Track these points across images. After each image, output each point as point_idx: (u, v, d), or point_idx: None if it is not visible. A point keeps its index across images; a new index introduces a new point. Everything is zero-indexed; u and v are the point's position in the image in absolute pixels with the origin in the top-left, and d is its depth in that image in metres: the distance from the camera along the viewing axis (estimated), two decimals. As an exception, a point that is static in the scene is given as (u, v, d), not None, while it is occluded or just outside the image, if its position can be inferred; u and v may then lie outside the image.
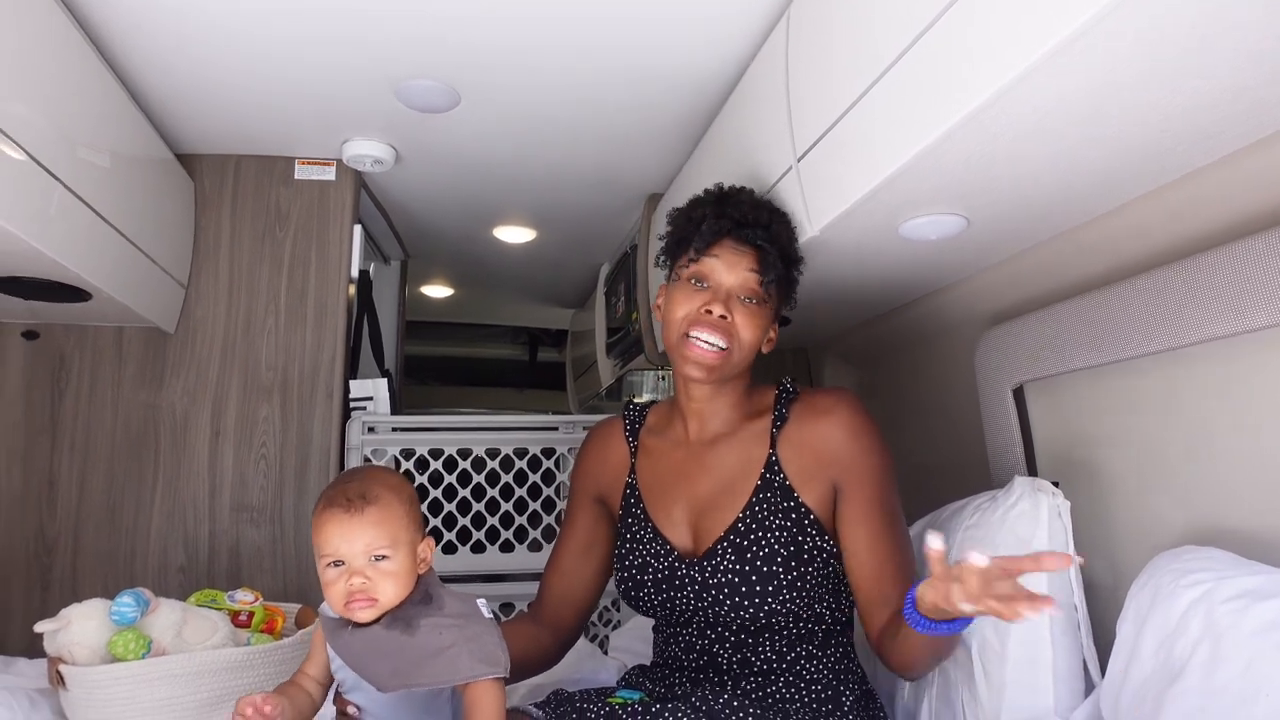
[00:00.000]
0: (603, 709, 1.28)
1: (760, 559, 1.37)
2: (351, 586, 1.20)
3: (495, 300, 4.55)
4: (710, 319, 1.40)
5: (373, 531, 1.21)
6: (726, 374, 1.44)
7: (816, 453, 1.42)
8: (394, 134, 2.39)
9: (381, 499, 1.23)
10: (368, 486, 1.24)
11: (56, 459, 2.32)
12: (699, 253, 1.44)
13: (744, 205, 1.49)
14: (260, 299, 2.47)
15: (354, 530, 1.21)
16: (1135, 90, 1.08)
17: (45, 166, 1.68)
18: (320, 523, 1.23)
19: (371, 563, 1.21)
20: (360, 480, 1.26)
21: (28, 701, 1.68)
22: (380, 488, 1.24)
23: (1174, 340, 1.33)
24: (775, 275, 1.44)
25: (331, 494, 1.25)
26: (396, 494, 1.25)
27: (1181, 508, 1.41)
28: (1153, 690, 1.19)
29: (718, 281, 1.43)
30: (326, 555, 1.22)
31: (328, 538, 1.22)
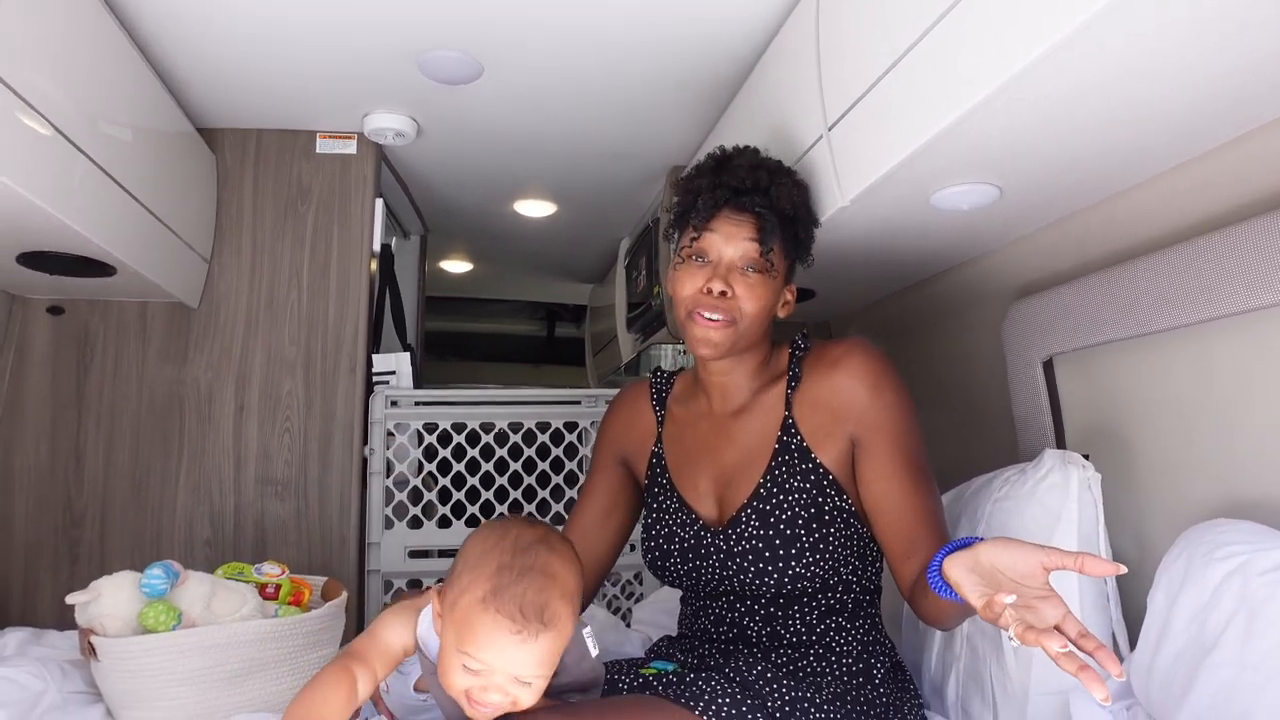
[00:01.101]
0: (636, 679, 1.28)
1: (783, 523, 1.36)
2: (483, 698, 1.06)
3: (514, 275, 4.54)
4: (710, 298, 1.38)
5: (536, 661, 1.06)
6: (737, 347, 1.42)
7: (831, 408, 1.39)
8: (415, 106, 2.37)
9: (559, 621, 1.06)
10: (547, 601, 1.05)
11: (83, 433, 2.34)
12: (698, 229, 1.42)
13: (741, 170, 1.43)
14: (283, 273, 2.47)
15: (515, 656, 1.05)
16: (1177, 57, 1.06)
17: (70, 139, 1.68)
18: (476, 628, 1.05)
19: (517, 682, 1.06)
20: (539, 586, 1.06)
21: (60, 672, 1.70)
22: (560, 603, 1.07)
23: (1207, 313, 1.31)
24: (776, 242, 1.40)
25: (501, 598, 1.05)
26: (572, 603, 1.09)
27: (1213, 481, 1.40)
28: (1185, 663, 1.18)
29: (717, 256, 1.41)
30: (469, 659, 1.05)
31: (484, 649, 1.05)
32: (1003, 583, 0.95)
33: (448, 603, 1.10)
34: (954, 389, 2.18)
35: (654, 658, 1.47)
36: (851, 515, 1.38)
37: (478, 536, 1.15)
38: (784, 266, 1.45)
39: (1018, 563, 0.94)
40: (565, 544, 1.14)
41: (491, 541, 1.12)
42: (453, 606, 1.08)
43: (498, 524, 1.16)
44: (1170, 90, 1.15)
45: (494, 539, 1.12)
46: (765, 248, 1.39)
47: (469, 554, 1.12)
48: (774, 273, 1.42)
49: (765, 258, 1.39)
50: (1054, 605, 0.91)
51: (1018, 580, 0.94)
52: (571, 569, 1.12)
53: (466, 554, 1.13)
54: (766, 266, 1.40)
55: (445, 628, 1.10)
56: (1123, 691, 1.35)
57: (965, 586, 0.97)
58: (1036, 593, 0.92)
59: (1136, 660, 1.29)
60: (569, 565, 1.12)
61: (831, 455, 1.38)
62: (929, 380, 2.25)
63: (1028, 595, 0.92)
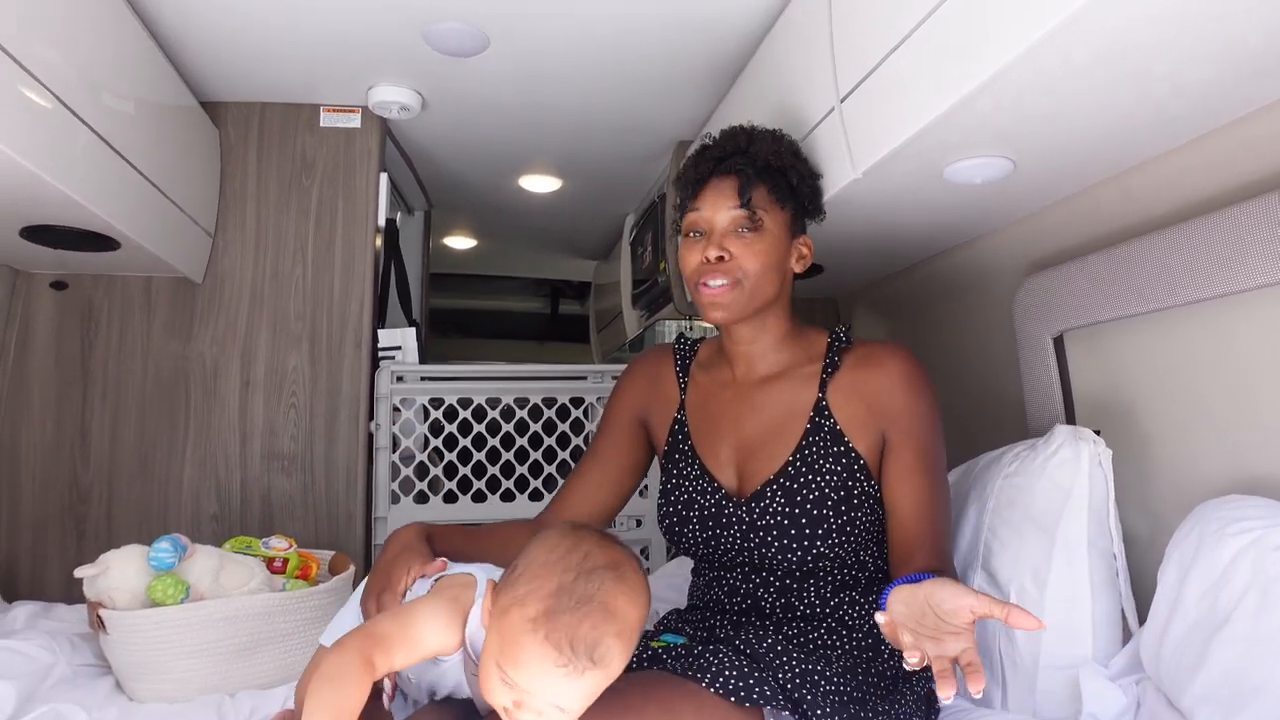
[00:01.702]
0: (645, 651, 1.28)
1: (810, 502, 1.36)
2: (519, 716, 1.00)
3: (518, 252, 4.53)
4: (709, 265, 1.42)
5: (579, 695, 0.99)
6: (750, 306, 1.43)
7: (868, 402, 1.41)
8: (420, 79, 2.35)
9: (610, 661, 0.99)
10: (600, 639, 0.98)
11: (88, 409, 2.34)
12: (689, 204, 1.47)
13: (723, 140, 1.50)
14: (287, 248, 2.46)
15: (556, 688, 0.98)
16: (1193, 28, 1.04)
17: (73, 110, 1.67)
18: (521, 649, 0.98)
19: (555, 708, 1.00)
20: (595, 623, 0.99)
21: (69, 645, 1.71)
22: (615, 642, 0.99)
23: (1221, 288, 1.30)
24: (760, 194, 1.42)
25: (553, 626, 0.98)
26: (629, 642, 1.02)
27: (1226, 457, 1.39)
28: (1197, 638, 1.18)
29: (709, 225, 1.44)
30: (508, 680, 0.99)
31: (523, 673, 0.98)
32: (928, 616, 1.02)
33: (499, 607, 1.03)
34: (964, 365, 2.17)
35: (663, 630, 1.47)
36: (877, 502, 1.39)
37: (546, 542, 1.07)
38: (782, 219, 1.46)
39: (948, 601, 1.01)
40: (637, 574, 1.06)
41: (558, 554, 1.04)
42: (502, 614, 1.01)
43: (570, 533, 1.08)
44: (1186, 62, 1.13)
45: (561, 551, 1.04)
46: (747, 200, 1.41)
47: (532, 560, 1.05)
48: (768, 227, 1.43)
49: (752, 215, 1.42)
50: (960, 641, 0.99)
51: (943, 616, 1.01)
52: (637, 604, 1.03)
53: (529, 559, 1.05)
54: (757, 223, 1.42)
55: (490, 634, 1.03)
56: (1131, 665, 1.35)
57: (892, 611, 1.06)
58: (951, 629, 1.00)
59: (1147, 637, 1.29)
60: (635, 600, 1.03)
61: (865, 444, 1.39)
62: (939, 357, 2.24)
63: (943, 630, 1.00)
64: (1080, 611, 1.39)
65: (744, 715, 1.15)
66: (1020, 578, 1.43)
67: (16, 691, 1.41)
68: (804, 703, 1.16)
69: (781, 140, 1.51)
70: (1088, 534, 1.41)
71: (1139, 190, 1.53)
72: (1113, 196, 1.58)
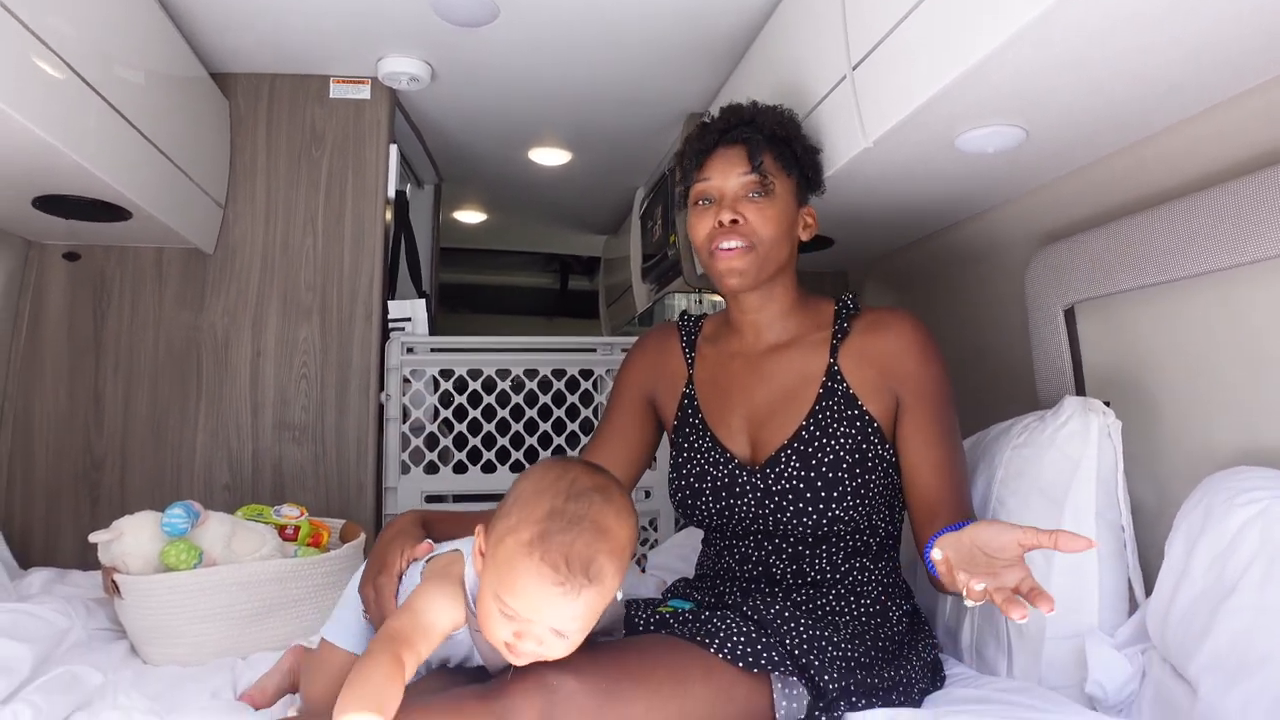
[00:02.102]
0: (652, 617, 1.29)
1: (826, 465, 1.37)
2: (520, 648, 1.02)
3: (528, 226, 4.52)
4: (723, 229, 1.42)
5: (577, 615, 1.02)
6: (764, 272, 1.44)
7: (879, 366, 1.42)
8: (430, 50, 2.34)
9: (605, 578, 1.02)
10: (594, 556, 1.01)
11: (101, 379, 2.36)
12: (696, 174, 1.48)
13: (727, 114, 1.52)
14: (298, 220, 2.46)
15: (555, 608, 1.01)
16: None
17: (85, 80, 1.67)
18: (517, 573, 1.01)
19: (554, 634, 1.02)
20: (587, 540, 1.01)
21: (84, 610, 1.74)
22: (607, 559, 1.02)
23: (1233, 259, 1.29)
24: (768, 159, 1.44)
25: (547, 546, 1.00)
26: (621, 561, 1.04)
27: (1235, 428, 1.39)
28: (1203, 608, 1.18)
29: (719, 192, 1.46)
30: (508, 611, 1.02)
31: (521, 598, 1.01)
32: (978, 558, 1.04)
33: (492, 540, 1.05)
34: (975, 338, 2.17)
35: (671, 597, 1.48)
36: (891, 465, 1.40)
37: (533, 474, 1.10)
38: (789, 186, 1.48)
39: (995, 539, 1.03)
40: (623, 496, 1.09)
41: (546, 482, 1.07)
42: (496, 545, 1.04)
43: (556, 464, 1.11)
44: (1202, 27, 1.12)
45: (549, 479, 1.07)
46: (758, 164, 1.43)
47: (521, 491, 1.08)
48: (778, 194, 1.45)
49: (763, 180, 1.43)
50: (1015, 572, 1.01)
51: (992, 554, 1.03)
52: (626, 524, 1.06)
53: (519, 491, 1.08)
54: (768, 188, 1.44)
55: (486, 569, 1.06)
56: (1137, 635, 1.35)
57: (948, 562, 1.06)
58: (1005, 563, 1.02)
59: (1153, 606, 1.29)
60: (624, 520, 1.06)
61: (878, 407, 1.41)
62: (950, 329, 2.23)
63: (997, 565, 1.02)
64: (1087, 582, 1.39)
65: (752, 680, 1.16)
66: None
67: (33, 654, 1.43)
68: (811, 668, 1.17)
69: (783, 112, 1.54)
70: (1096, 505, 1.41)
71: (1152, 160, 1.52)
72: (1126, 167, 1.57)
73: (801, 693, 1.16)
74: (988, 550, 1.03)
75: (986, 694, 1.31)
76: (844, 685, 1.19)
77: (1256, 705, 1.04)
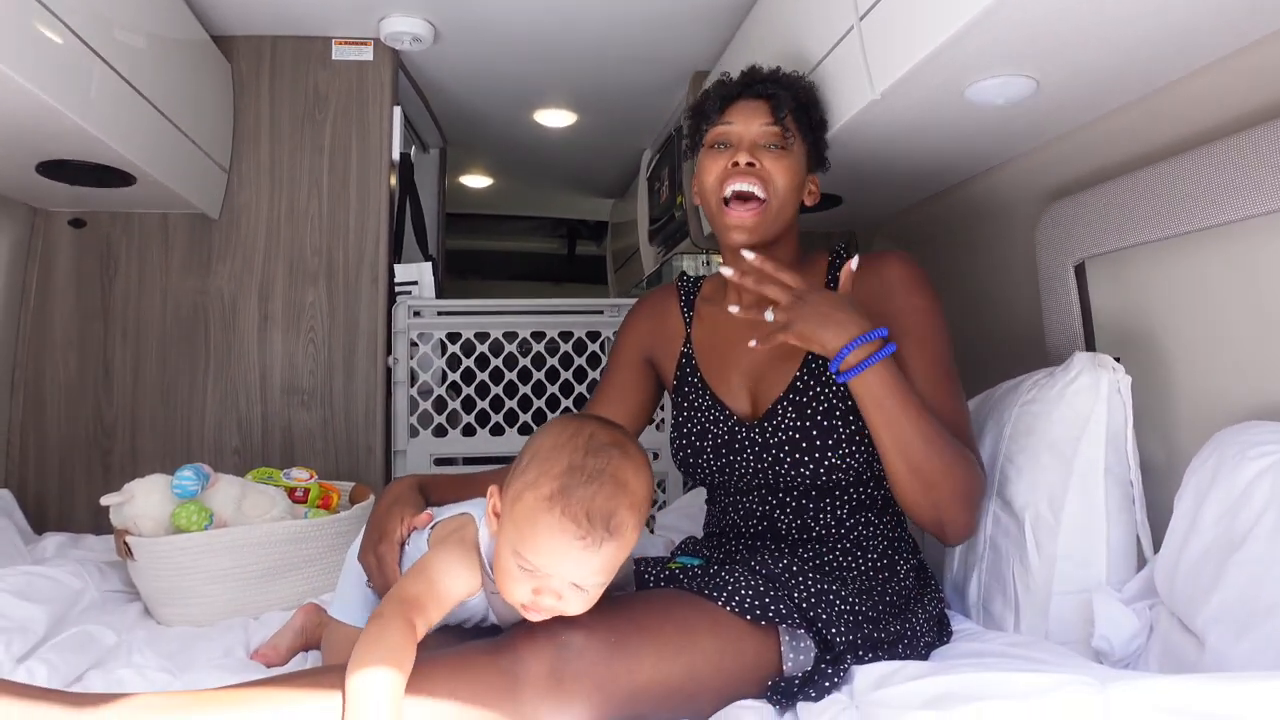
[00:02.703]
0: (662, 573, 1.30)
1: (820, 414, 1.36)
2: (540, 604, 1.03)
3: (535, 190, 4.50)
4: (739, 169, 1.41)
5: (598, 568, 1.03)
6: (773, 227, 1.43)
7: (866, 309, 1.38)
8: (433, 8, 2.32)
9: (625, 531, 1.03)
10: (615, 509, 1.02)
11: (110, 345, 2.36)
12: (717, 118, 1.47)
13: (749, 72, 1.52)
14: (302, 183, 2.45)
15: (576, 563, 1.01)
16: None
17: (87, 44, 1.66)
18: (538, 527, 1.01)
19: (574, 588, 1.03)
20: (609, 493, 1.02)
21: (98, 573, 1.76)
22: (628, 512, 1.03)
23: (1246, 210, 1.27)
24: (790, 117, 1.45)
25: (569, 500, 1.01)
26: (641, 514, 1.05)
27: (1247, 384, 1.37)
28: (1213, 560, 1.17)
29: (739, 136, 1.45)
30: (527, 564, 1.02)
31: (542, 552, 1.01)
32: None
33: (509, 497, 1.06)
34: (984, 294, 2.15)
35: (680, 554, 1.48)
36: None
37: (549, 430, 1.10)
38: (803, 150, 1.48)
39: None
40: (640, 451, 1.10)
41: (565, 438, 1.07)
42: (514, 502, 1.04)
43: (572, 420, 1.12)
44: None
45: (567, 435, 1.07)
46: (781, 119, 1.44)
47: (539, 448, 1.08)
48: (794, 151, 1.45)
49: (784, 134, 1.44)
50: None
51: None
52: (644, 478, 1.07)
53: (536, 447, 1.08)
54: (788, 142, 1.44)
55: (503, 526, 1.06)
56: (1145, 590, 1.35)
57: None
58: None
59: (1161, 561, 1.29)
60: (642, 474, 1.07)
61: None
62: (960, 287, 2.22)
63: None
64: (1095, 538, 1.39)
65: (759, 633, 1.16)
66: (1036, 504, 1.43)
67: (47, 615, 1.45)
68: (819, 621, 1.18)
69: (806, 81, 1.56)
70: (1105, 461, 1.40)
71: (1164, 113, 1.49)
72: (1137, 120, 1.54)
73: (809, 645, 1.17)
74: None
75: (992, 648, 1.31)
76: (851, 639, 1.19)
77: (1265, 654, 1.04)
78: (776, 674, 1.16)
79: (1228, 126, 1.36)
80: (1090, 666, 1.20)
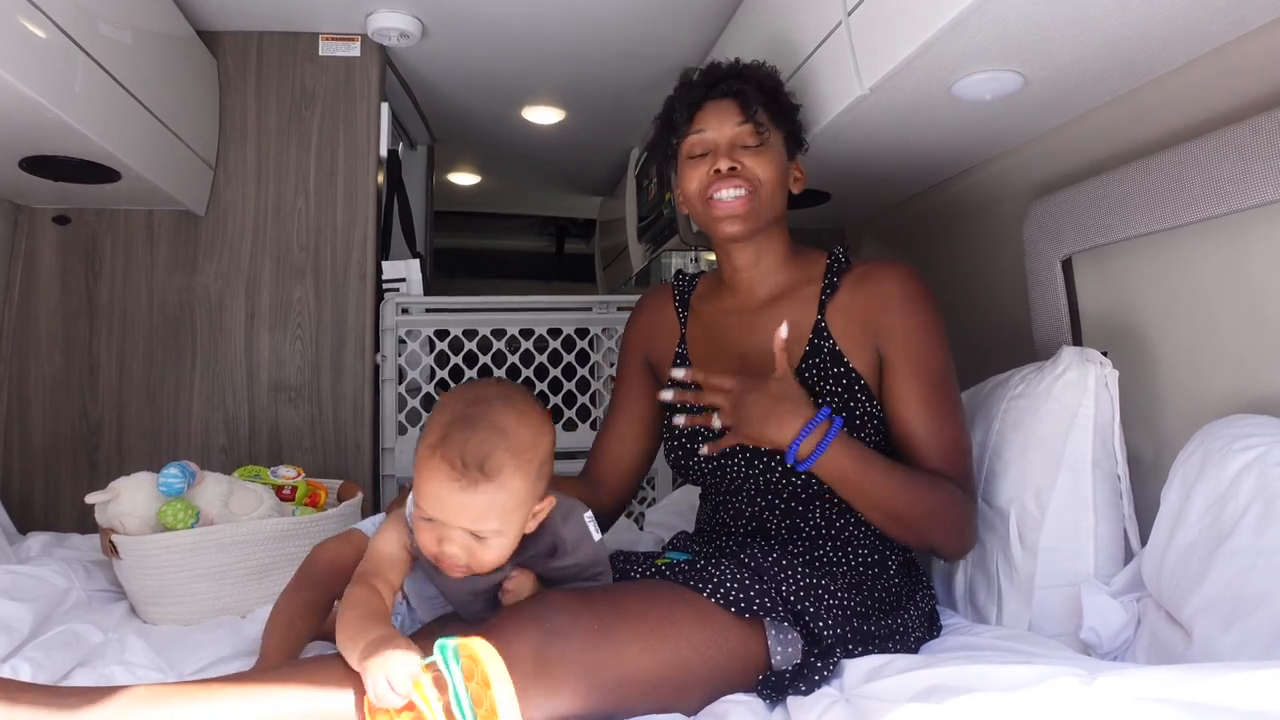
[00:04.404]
0: (649, 569, 1.30)
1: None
2: (444, 553, 1.08)
3: (523, 188, 4.49)
4: (720, 176, 1.41)
5: (482, 512, 1.06)
6: (763, 217, 1.44)
7: (863, 321, 1.40)
8: (420, 4, 2.30)
9: (502, 473, 1.05)
10: (490, 452, 1.05)
11: (95, 342, 2.34)
12: (687, 128, 1.46)
13: (711, 69, 1.50)
14: (289, 180, 2.44)
15: (458, 505, 1.06)
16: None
17: (71, 38, 1.65)
18: (422, 473, 1.07)
19: (472, 538, 1.08)
20: (483, 437, 1.06)
21: (84, 572, 1.74)
22: (505, 455, 1.06)
23: (1232, 205, 1.28)
24: (761, 110, 1.44)
25: (446, 445, 1.05)
26: (522, 460, 1.07)
27: (1234, 377, 1.38)
28: (1199, 552, 1.18)
29: (713, 142, 1.44)
30: (423, 513, 1.08)
31: (427, 497, 1.07)
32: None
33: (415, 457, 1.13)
34: (973, 291, 2.16)
35: (669, 549, 1.48)
36: (881, 422, 1.39)
37: (447, 393, 1.17)
38: (780, 139, 1.48)
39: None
40: (531, 404, 1.14)
41: (455, 395, 1.14)
42: (414, 458, 1.11)
43: (471, 383, 1.17)
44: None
45: (458, 393, 1.15)
46: (752, 114, 1.42)
47: (437, 407, 1.14)
48: (772, 144, 1.45)
49: (758, 128, 1.43)
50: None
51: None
52: (529, 426, 1.10)
53: (434, 408, 1.15)
54: (764, 136, 1.43)
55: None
56: (1132, 584, 1.35)
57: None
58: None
59: (1149, 554, 1.29)
60: (526, 422, 1.10)
61: (863, 363, 1.39)
62: (948, 283, 2.22)
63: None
64: (1083, 531, 1.40)
65: (745, 626, 1.16)
66: (1022, 498, 1.43)
67: (32, 614, 1.43)
68: (806, 614, 1.18)
69: (767, 68, 1.53)
70: (1092, 455, 1.41)
71: (1151, 108, 1.50)
72: (1124, 114, 1.55)
73: (795, 638, 1.17)
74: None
75: (982, 641, 1.32)
76: (840, 633, 1.19)
77: (1251, 645, 1.04)
78: (765, 667, 1.16)
79: (1215, 120, 1.37)
80: (1078, 659, 1.21)
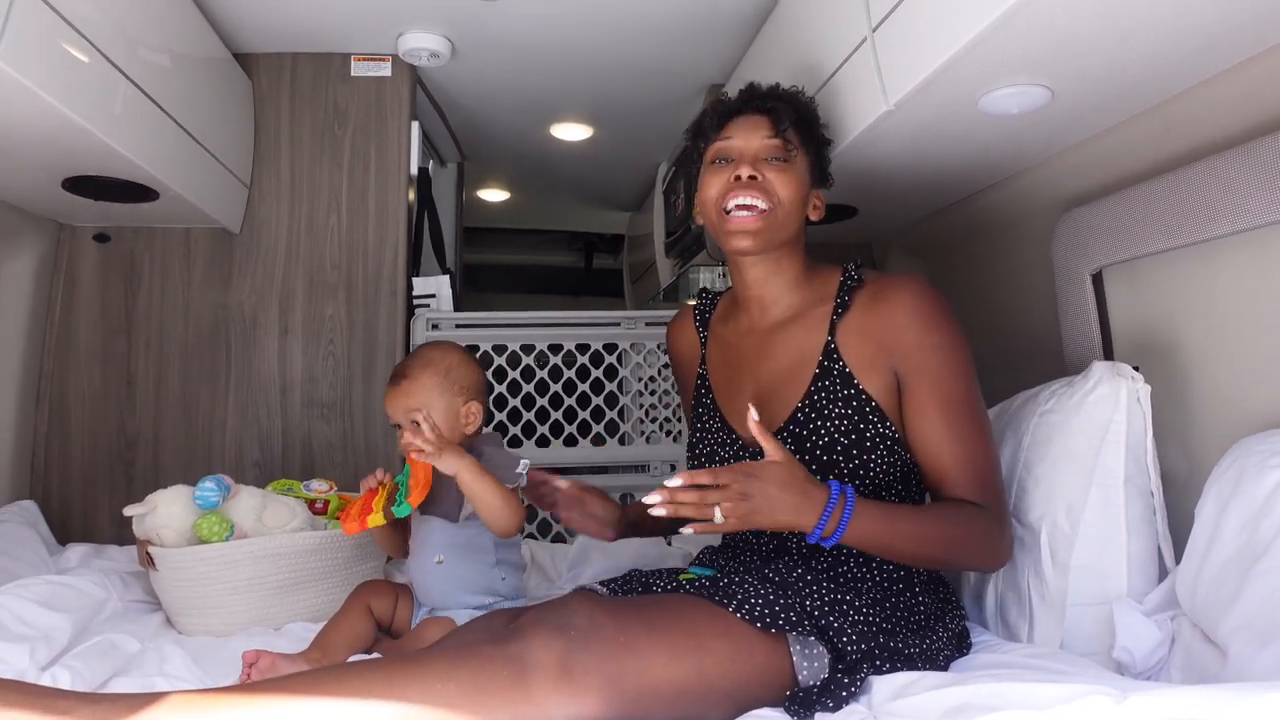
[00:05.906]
0: (672, 584, 1.30)
1: (820, 448, 1.35)
2: (402, 440, 1.49)
3: (552, 204, 4.52)
4: (741, 183, 1.40)
5: (405, 399, 1.53)
6: (774, 237, 1.42)
7: (877, 341, 1.38)
8: (450, 25, 2.34)
9: (412, 374, 1.54)
10: (409, 365, 1.56)
11: (133, 358, 2.39)
12: (717, 135, 1.46)
13: (748, 88, 1.51)
14: (322, 198, 2.48)
15: (394, 399, 1.54)
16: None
17: (113, 62, 1.69)
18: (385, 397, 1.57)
19: (409, 420, 1.51)
20: (407, 360, 1.58)
21: (121, 582, 1.77)
22: (417, 366, 1.55)
23: (1264, 218, 1.27)
24: (792, 130, 1.43)
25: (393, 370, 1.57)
26: (429, 367, 1.54)
27: (1266, 393, 1.36)
28: (1234, 570, 1.16)
29: (740, 150, 1.44)
30: (390, 420, 1.56)
31: (386, 407, 1.57)
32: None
33: None
34: (1001, 305, 2.14)
35: (694, 564, 1.48)
36: (895, 442, 1.37)
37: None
38: (806, 163, 1.47)
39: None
40: (451, 345, 1.61)
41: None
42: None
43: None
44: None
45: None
46: (782, 131, 1.42)
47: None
48: (797, 164, 1.44)
49: (786, 145, 1.42)
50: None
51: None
52: (443, 350, 1.58)
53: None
54: (790, 154, 1.43)
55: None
56: (1166, 602, 1.34)
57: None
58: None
59: (1183, 572, 1.28)
60: (445, 350, 1.58)
61: (876, 384, 1.37)
62: (977, 298, 2.22)
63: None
64: (1116, 548, 1.38)
65: (770, 641, 1.16)
66: (1054, 514, 1.42)
67: (71, 624, 1.46)
68: (830, 629, 1.17)
69: (806, 97, 1.53)
70: (1125, 471, 1.39)
71: (1180, 120, 1.48)
72: (1153, 128, 1.54)
73: (821, 653, 1.16)
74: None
75: (1013, 659, 1.30)
76: (866, 648, 1.18)
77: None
78: (791, 683, 1.16)
79: (1245, 133, 1.36)
80: (1111, 677, 1.19)
